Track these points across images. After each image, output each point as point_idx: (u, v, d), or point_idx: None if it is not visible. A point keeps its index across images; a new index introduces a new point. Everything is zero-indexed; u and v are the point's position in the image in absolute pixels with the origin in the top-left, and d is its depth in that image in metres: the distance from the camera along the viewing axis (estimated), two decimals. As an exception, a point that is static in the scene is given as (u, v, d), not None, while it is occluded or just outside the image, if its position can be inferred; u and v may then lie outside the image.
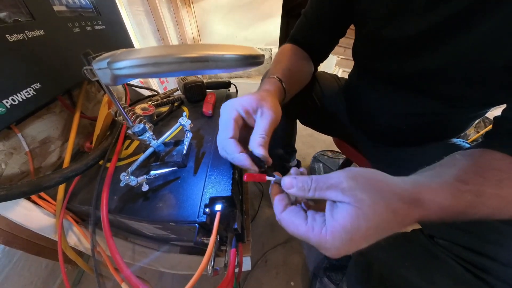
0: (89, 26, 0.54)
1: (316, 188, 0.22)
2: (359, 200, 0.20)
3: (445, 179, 0.23)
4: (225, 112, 0.30)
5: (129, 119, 0.36)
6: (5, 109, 0.36)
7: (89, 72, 0.27)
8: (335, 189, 0.21)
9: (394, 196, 0.20)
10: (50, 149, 0.50)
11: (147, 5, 1.38)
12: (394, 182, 0.22)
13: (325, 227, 0.21)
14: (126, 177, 0.32)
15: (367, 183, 0.21)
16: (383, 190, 0.20)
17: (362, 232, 0.19)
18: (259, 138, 0.27)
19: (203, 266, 0.25)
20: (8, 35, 0.37)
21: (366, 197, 0.19)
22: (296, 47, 0.50)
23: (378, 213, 0.19)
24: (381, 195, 0.20)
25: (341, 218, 0.20)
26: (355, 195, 0.20)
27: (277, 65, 0.44)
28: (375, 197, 0.20)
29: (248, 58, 0.19)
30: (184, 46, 0.18)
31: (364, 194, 0.20)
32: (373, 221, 0.19)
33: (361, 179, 0.21)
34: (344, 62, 1.86)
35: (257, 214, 0.85)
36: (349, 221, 0.19)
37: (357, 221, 0.19)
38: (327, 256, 0.21)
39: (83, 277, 0.65)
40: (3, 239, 0.46)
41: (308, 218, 0.22)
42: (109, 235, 0.32)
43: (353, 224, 0.19)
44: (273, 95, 0.34)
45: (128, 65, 0.18)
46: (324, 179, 0.22)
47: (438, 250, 0.30)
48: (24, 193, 0.33)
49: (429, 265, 0.31)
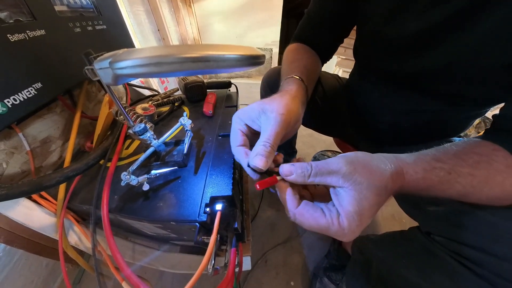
0: (90, 26, 0.54)
1: (317, 174, 0.23)
2: (358, 183, 0.22)
3: (422, 157, 0.26)
4: (233, 123, 0.31)
5: (130, 118, 0.36)
6: (7, 108, 0.36)
7: (90, 71, 0.28)
8: (336, 174, 0.23)
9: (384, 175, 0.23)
10: (51, 149, 0.50)
11: (147, 4, 1.38)
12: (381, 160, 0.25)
13: (340, 216, 0.22)
14: (127, 177, 0.32)
15: (363, 167, 0.23)
16: (375, 171, 0.23)
17: (367, 210, 0.22)
18: (259, 146, 0.26)
19: (203, 265, 0.25)
20: (9, 35, 0.37)
21: (363, 180, 0.22)
22: (303, 45, 0.50)
23: (374, 192, 0.22)
24: (374, 176, 0.23)
25: (348, 204, 0.22)
26: (355, 180, 0.22)
27: (292, 63, 0.43)
28: (370, 179, 0.22)
29: (249, 58, 0.19)
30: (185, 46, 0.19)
31: (361, 177, 0.22)
32: (372, 199, 0.22)
33: (357, 164, 0.23)
34: (344, 62, 1.86)
35: (257, 214, 0.85)
36: (356, 205, 0.22)
37: (361, 203, 0.22)
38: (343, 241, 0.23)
39: (84, 276, 0.65)
40: (4, 238, 0.46)
41: (325, 210, 0.23)
42: (109, 234, 0.32)
43: (360, 206, 0.22)
44: (291, 95, 0.32)
45: (130, 64, 0.18)
46: (324, 165, 0.23)
47: (434, 246, 0.31)
48: (25, 192, 0.33)
49: (426, 262, 0.31)
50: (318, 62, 0.51)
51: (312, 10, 0.50)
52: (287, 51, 0.51)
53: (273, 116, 0.27)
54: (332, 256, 0.69)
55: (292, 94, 0.33)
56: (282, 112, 0.27)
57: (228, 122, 0.53)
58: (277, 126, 0.26)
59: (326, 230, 0.22)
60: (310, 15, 0.50)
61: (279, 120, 0.27)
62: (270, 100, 0.29)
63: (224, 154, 0.42)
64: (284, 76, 0.40)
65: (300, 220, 0.23)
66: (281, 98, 0.30)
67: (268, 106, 0.28)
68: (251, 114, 0.29)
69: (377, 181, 0.22)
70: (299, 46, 0.50)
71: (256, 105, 0.29)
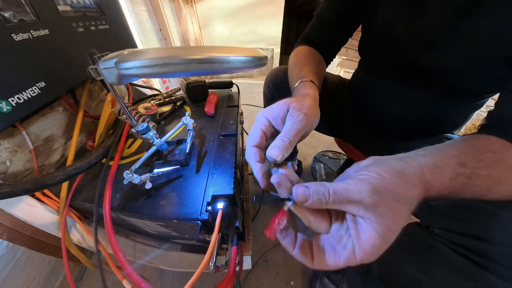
0: (93, 26, 0.54)
1: (336, 202, 0.21)
2: (383, 216, 0.20)
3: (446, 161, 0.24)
4: (256, 122, 0.30)
5: (132, 118, 0.37)
6: (11, 107, 0.36)
7: (94, 71, 0.28)
8: (357, 205, 0.21)
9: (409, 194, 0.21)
10: (54, 147, 0.50)
11: (149, 4, 1.39)
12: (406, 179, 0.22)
13: (356, 250, 0.21)
14: (130, 175, 0.32)
15: (392, 199, 0.20)
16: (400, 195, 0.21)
17: (389, 241, 0.20)
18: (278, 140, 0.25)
19: (205, 262, 0.25)
20: (14, 34, 0.37)
21: (389, 213, 0.20)
22: (312, 49, 0.51)
23: (400, 220, 0.20)
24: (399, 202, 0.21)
25: (369, 238, 0.20)
26: (379, 212, 0.20)
27: (303, 67, 0.44)
28: (396, 208, 0.20)
29: (253, 60, 0.20)
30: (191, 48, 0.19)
31: (387, 210, 0.20)
32: (396, 229, 0.20)
33: (385, 195, 0.20)
34: (346, 63, 1.87)
35: (258, 214, 0.85)
36: (377, 239, 0.20)
37: (384, 236, 0.20)
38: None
39: (85, 274, 0.65)
40: (7, 236, 0.46)
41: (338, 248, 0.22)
42: (111, 232, 0.32)
43: (382, 239, 0.20)
44: (311, 97, 0.33)
45: (136, 65, 0.18)
46: (345, 193, 0.21)
47: (433, 239, 0.31)
48: (29, 190, 0.33)
49: (426, 255, 0.31)
50: (324, 65, 0.52)
51: (323, 12, 0.51)
52: (297, 53, 0.51)
53: (297, 114, 0.27)
54: (332, 256, 0.69)
55: (312, 97, 0.34)
56: (306, 112, 0.28)
57: (229, 122, 0.53)
58: (299, 123, 0.27)
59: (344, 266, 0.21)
60: (322, 16, 0.51)
61: (301, 118, 0.27)
62: (295, 100, 0.30)
63: (225, 153, 0.43)
64: (296, 78, 0.41)
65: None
66: (305, 99, 0.31)
67: (294, 104, 0.28)
68: (278, 111, 0.29)
69: (403, 210, 0.21)
70: (309, 49, 0.51)
71: (282, 103, 0.29)
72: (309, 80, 0.38)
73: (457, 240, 0.29)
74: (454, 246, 0.29)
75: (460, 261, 0.28)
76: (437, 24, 0.36)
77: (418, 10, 0.37)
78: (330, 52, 0.55)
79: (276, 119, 0.29)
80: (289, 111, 0.28)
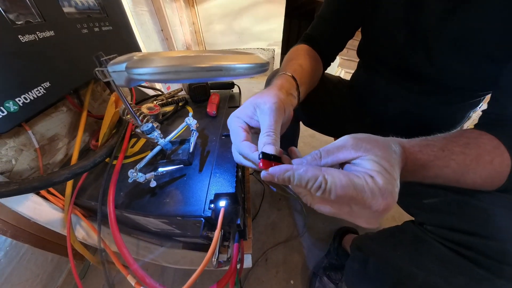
0: (96, 27, 0.55)
1: (328, 153, 0.23)
2: (369, 149, 0.22)
3: (412, 140, 0.27)
4: (231, 124, 0.30)
5: (138, 118, 0.37)
6: (18, 107, 0.37)
7: (100, 73, 0.29)
8: (346, 148, 0.23)
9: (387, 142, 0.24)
10: (58, 146, 0.51)
11: (151, 5, 1.40)
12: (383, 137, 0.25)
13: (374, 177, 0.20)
14: (134, 174, 0.33)
15: (366, 138, 0.23)
16: (379, 140, 0.24)
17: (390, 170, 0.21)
18: (265, 137, 0.26)
19: (208, 257, 0.26)
20: (20, 35, 0.38)
21: (371, 147, 0.22)
22: (309, 47, 0.52)
23: (387, 153, 0.22)
24: (379, 143, 0.23)
25: (373, 166, 0.21)
26: (365, 148, 0.22)
27: (288, 62, 0.44)
28: (377, 146, 0.22)
29: (256, 67, 0.21)
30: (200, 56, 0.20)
31: (369, 145, 0.22)
32: (389, 159, 0.22)
33: (360, 137, 0.24)
34: (346, 63, 1.88)
35: (258, 213, 0.86)
36: (378, 166, 0.21)
37: (382, 163, 0.21)
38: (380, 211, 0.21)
39: (88, 272, 0.66)
40: (11, 233, 0.47)
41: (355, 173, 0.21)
42: (116, 230, 0.33)
43: (383, 165, 0.21)
44: (277, 86, 0.34)
45: (149, 72, 0.20)
46: (331, 145, 0.24)
47: (425, 235, 0.33)
48: (35, 187, 0.34)
49: (418, 250, 0.33)
50: (317, 62, 0.51)
51: (324, 12, 0.52)
52: (292, 50, 0.52)
53: (267, 107, 0.28)
54: (332, 255, 0.70)
55: (278, 86, 0.34)
56: (274, 101, 0.28)
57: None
58: (274, 114, 0.27)
59: (362, 192, 0.20)
60: (324, 16, 0.52)
61: (274, 108, 0.28)
62: (259, 95, 0.31)
63: (227, 153, 0.44)
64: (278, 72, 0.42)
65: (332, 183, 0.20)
66: (269, 91, 0.32)
67: (260, 100, 0.29)
68: (247, 111, 0.30)
69: (384, 146, 0.23)
70: (301, 46, 0.52)
71: (248, 102, 0.30)
72: (285, 73, 0.39)
73: (448, 235, 0.30)
74: (445, 241, 0.30)
75: (451, 256, 0.29)
76: (430, 23, 0.37)
77: (415, 11, 0.39)
78: (331, 52, 0.55)
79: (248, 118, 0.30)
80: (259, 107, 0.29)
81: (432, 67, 0.40)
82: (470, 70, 0.37)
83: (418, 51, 0.41)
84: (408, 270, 0.32)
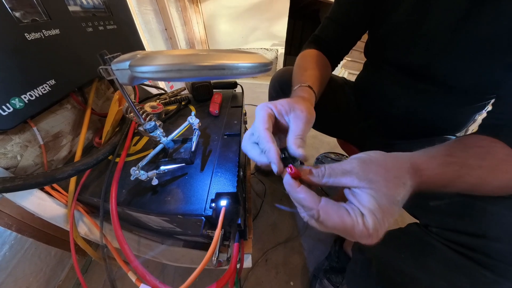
0: (101, 26, 0.56)
1: (331, 174, 0.23)
2: (374, 181, 0.22)
3: (434, 154, 0.27)
4: (261, 110, 0.30)
5: (141, 116, 0.38)
6: (24, 104, 0.38)
7: (104, 71, 0.29)
8: (350, 175, 0.22)
9: (400, 171, 0.23)
10: (62, 143, 0.52)
11: (155, 4, 1.41)
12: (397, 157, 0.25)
13: (365, 216, 0.21)
14: (136, 172, 0.33)
15: (377, 166, 0.23)
16: (391, 169, 0.23)
17: (388, 208, 0.21)
18: (298, 139, 0.27)
19: (208, 256, 0.26)
20: (26, 33, 0.39)
21: (379, 178, 0.22)
22: (318, 52, 0.52)
23: (393, 189, 0.22)
24: (390, 173, 0.22)
25: (368, 203, 0.21)
26: (370, 179, 0.22)
27: (305, 72, 0.45)
28: (387, 176, 0.22)
29: (260, 66, 0.21)
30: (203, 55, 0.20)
31: (376, 176, 0.22)
32: (391, 197, 0.21)
33: (371, 163, 0.23)
34: (350, 64, 1.87)
35: (259, 214, 0.86)
36: (375, 203, 0.21)
37: (381, 201, 0.21)
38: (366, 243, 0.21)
39: (90, 267, 0.67)
40: (16, 227, 0.48)
41: (348, 209, 0.22)
42: (117, 226, 0.34)
43: (380, 204, 0.21)
44: (308, 101, 0.35)
45: (152, 70, 0.20)
46: (338, 166, 0.23)
47: (430, 237, 0.33)
48: (40, 183, 0.34)
49: (423, 253, 0.33)
50: (329, 69, 0.53)
51: (333, 14, 0.52)
52: (303, 56, 0.52)
53: (304, 114, 0.29)
54: (332, 258, 0.69)
55: (307, 99, 0.36)
56: (310, 112, 0.30)
57: (233, 122, 0.54)
58: (307, 123, 0.29)
59: (351, 230, 0.21)
60: (332, 18, 0.52)
61: (308, 118, 0.29)
62: (297, 101, 0.32)
63: (229, 153, 0.44)
64: (297, 81, 0.42)
65: (324, 218, 0.21)
66: (304, 101, 0.33)
67: (298, 106, 0.30)
68: (283, 107, 0.30)
69: (394, 178, 0.22)
70: (315, 53, 0.52)
71: (285, 101, 0.31)
72: (307, 85, 0.40)
73: (454, 237, 0.30)
74: (450, 243, 0.30)
75: (455, 258, 0.29)
76: (439, 27, 0.37)
77: (423, 14, 0.38)
78: (338, 53, 0.55)
79: (279, 112, 0.30)
80: (295, 112, 0.29)
81: (440, 70, 0.40)
82: (479, 74, 0.37)
83: (427, 54, 0.41)
84: (412, 273, 0.32)
